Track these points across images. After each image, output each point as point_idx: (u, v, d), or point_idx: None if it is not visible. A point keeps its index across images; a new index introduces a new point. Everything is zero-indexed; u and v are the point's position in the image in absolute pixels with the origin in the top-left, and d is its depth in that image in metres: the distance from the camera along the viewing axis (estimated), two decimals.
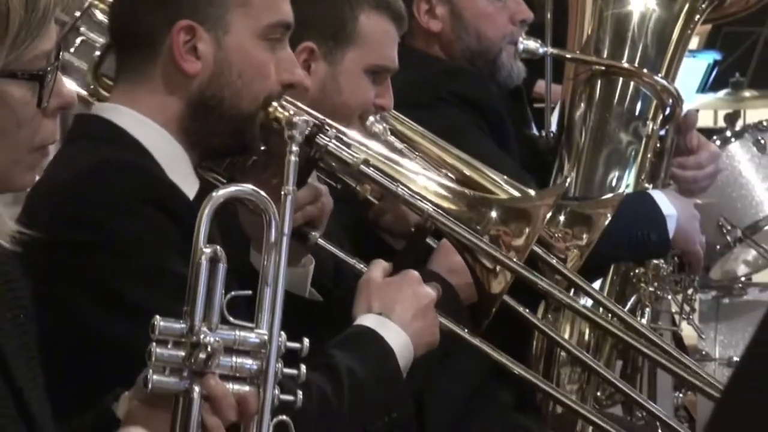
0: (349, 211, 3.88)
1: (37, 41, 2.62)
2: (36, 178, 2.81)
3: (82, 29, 3.91)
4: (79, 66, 3.86)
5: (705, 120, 7.29)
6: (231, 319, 2.51)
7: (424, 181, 3.62)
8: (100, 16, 3.86)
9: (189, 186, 3.31)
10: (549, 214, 3.70)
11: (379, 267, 3.39)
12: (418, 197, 3.55)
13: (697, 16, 4.86)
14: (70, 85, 2.88)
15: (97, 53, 3.74)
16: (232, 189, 2.71)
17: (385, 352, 3.34)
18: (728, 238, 6.01)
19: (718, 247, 5.99)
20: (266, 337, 2.52)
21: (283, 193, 2.92)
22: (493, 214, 3.61)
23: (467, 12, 4.64)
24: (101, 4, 3.83)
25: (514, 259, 3.55)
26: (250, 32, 3.35)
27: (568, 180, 4.82)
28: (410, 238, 3.74)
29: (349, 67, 3.86)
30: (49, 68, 2.65)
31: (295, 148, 3.04)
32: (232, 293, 2.77)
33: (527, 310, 3.86)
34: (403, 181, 3.57)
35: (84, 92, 3.66)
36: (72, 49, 3.90)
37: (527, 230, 3.60)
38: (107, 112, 3.35)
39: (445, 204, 3.61)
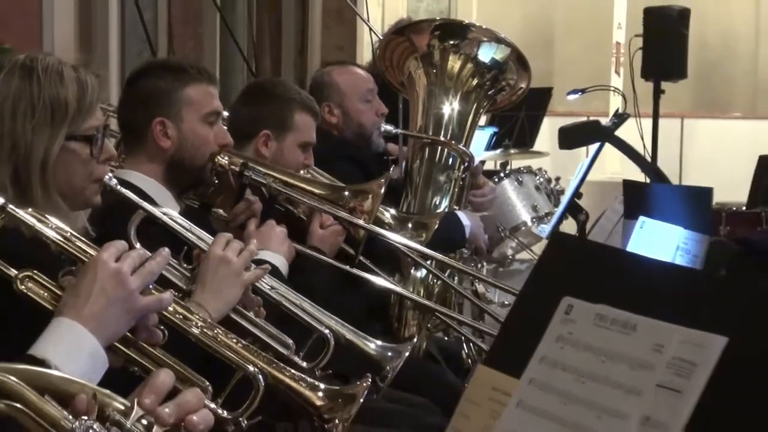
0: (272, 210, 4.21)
1: (88, 119, 3.04)
2: (100, 200, 3.15)
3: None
4: None
5: (489, 166, 7.97)
6: None
7: (305, 184, 4.21)
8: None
9: (173, 209, 3.60)
10: (382, 190, 4.22)
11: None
12: (300, 191, 4.15)
13: (482, 109, 5.60)
14: (111, 147, 3.23)
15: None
16: None
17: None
18: (501, 234, 6.71)
19: (495, 239, 6.63)
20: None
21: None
22: (346, 193, 4.24)
23: (352, 111, 5.47)
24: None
25: (363, 220, 4.16)
26: (196, 119, 3.85)
27: (405, 203, 5.42)
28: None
29: (290, 145, 4.48)
30: (98, 134, 3.05)
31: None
32: None
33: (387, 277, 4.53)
34: (292, 182, 4.14)
35: None
36: None
37: (370, 199, 4.21)
38: (123, 174, 3.76)
39: (317, 191, 4.22)
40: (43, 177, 2.95)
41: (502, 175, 7.01)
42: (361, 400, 2.88)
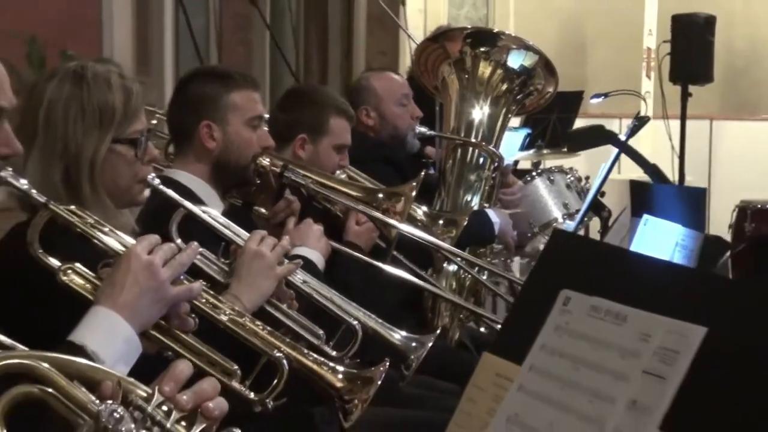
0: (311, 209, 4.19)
1: (133, 123, 3.07)
2: (145, 198, 3.19)
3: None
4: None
5: (523, 165, 7.87)
6: None
7: (341, 186, 4.22)
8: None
9: (218, 207, 3.67)
10: (414, 193, 4.22)
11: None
12: (337, 192, 4.16)
13: (511, 113, 5.61)
14: (154, 149, 3.23)
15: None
16: None
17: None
18: (534, 230, 6.54)
19: (528, 235, 6.50)
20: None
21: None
22: (380, 195, 4.22)
23: (387, 114, 5.45)
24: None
25: (398, 219, 4.15)
26: (240, 123, 3.87)
27: (438, 201, 5.46)
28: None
29: (325, 148, 4.49)
30: (141, 138, 3.08)
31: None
32: None
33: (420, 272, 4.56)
34: (330, 183, 4.16)
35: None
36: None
37: (402, 201, 4.20)
38: (172, 173, 3.83)
39: (353, 192, 4.22)
40: (92, 177, 2.98)
41: (534, 174, 6.94)
42: (379, 383, 2.91)
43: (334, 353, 3.14)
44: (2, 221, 2.88)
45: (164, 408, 1.78)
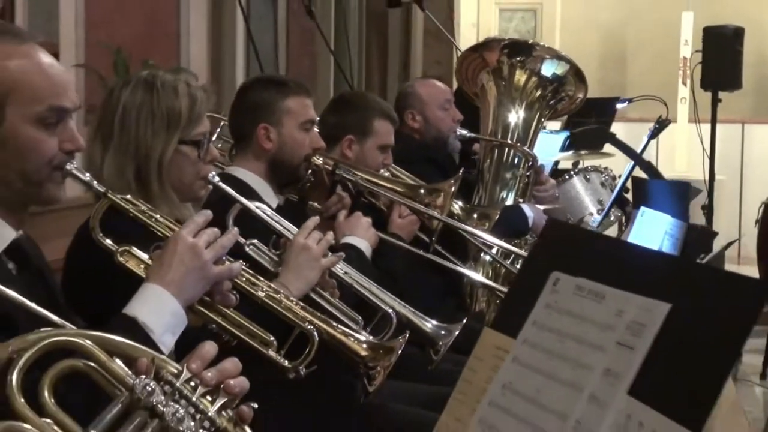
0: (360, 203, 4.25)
1: (196, 127, 3.12)
2: (205, 194, 3.22)
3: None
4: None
5: (563, 165, 7.76)
6: None
7: (387, 182, 4.31)
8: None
9: (272, 201, 3.81)
10: (453, 189, 4.27)
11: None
12: (384, 188, 4.25)
13: (544, 117, 5.61)
14: (215, 150, 3.27)
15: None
16: None
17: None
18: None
19: None
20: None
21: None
22: (422, 191, 4.30)
23: (431, 118, 5.47)
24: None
25: (438, 212, 4.21)
26: (294, 126, 3.93)
27: (476, 197, 5.46)
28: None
29: (370, 148, 4.51)
30: (204, 139, 3.14)
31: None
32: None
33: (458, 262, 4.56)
34: (376, 181, 4.25)
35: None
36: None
37: (442, 196, 4.26)
38: (232, 170, 3.91)
39: (397, 188, 4.30)
40: (159, 174, 3.06)
41: (572, 173, 6.99)
42: (399, 352, 2.96)
43: (370, 338, 3.16)
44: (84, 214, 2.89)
45: (191, 384, 1.82)
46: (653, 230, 3.80)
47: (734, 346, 1.65)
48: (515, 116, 5.58)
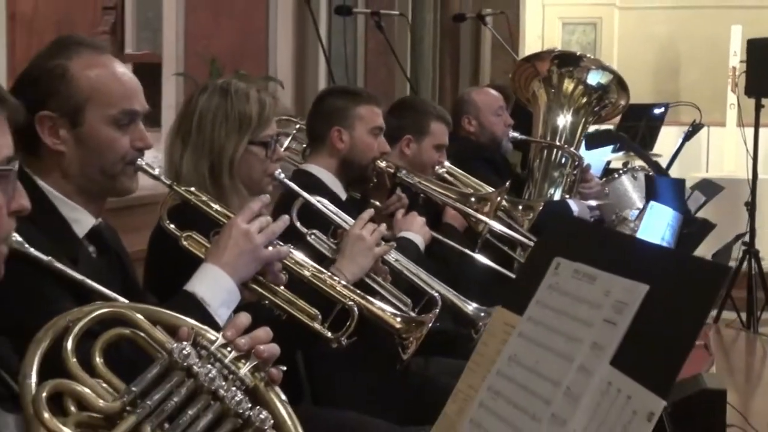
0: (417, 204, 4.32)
1: (265, 129, 3.17)
2: (270, 189, 3.26)
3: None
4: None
5: (614, 164, 7.64)
6: None
7: (442, 188, 4.37)
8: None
9: (341, 194, 3.94)
10: (499, 198, 4.32)
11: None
12: (438, 192, 4.32)
13: (589, 122, 5.66)
14: (281, 150, 3.33)
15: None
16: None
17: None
18: (615, 219, 5.90)
19: (615, 223, 5.86)
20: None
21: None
22: (472, 199, 4.33)
23: (485, 122, 5.54)
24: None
25: (485, 216, 4.25)
26: (365, 131, 4.01)
27: (527, 193, 5.53)
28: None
29: (427, 147, 4.61)
30: (272, 141, 3.19)
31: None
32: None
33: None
34: (432, 188, 4.32)
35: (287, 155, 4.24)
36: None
37: (488, 206, 4.30)
38: (307, 167, 4.01)
39: (451, 194, 4.35)
40: (231, 171, 3.11)
41: (621, 172, 6.76)
42: (429, 325, 2.98)
43: (411, 313, 3.21)
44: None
45: (226, 349, 1.87)
46: (659, 222, 3.82)
47: (697, 323, 1.69)
48: (563, 120, 5.62)
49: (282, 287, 2.70)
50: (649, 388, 1.67)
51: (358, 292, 2.93)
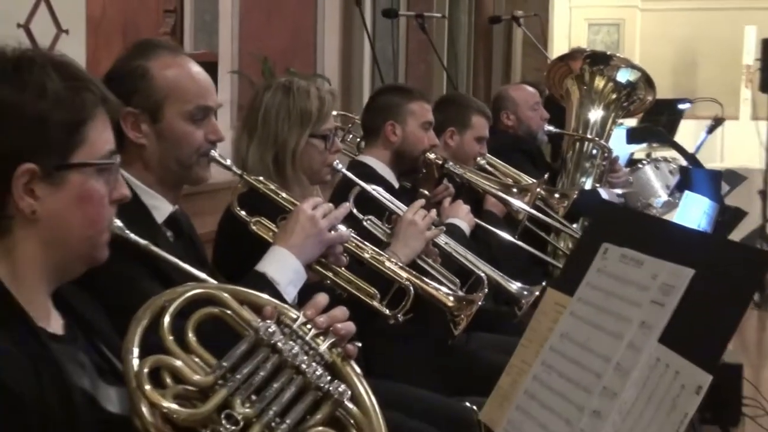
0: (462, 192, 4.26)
1: (324, 123, 3.17)
2: (329, 179, 3.26)
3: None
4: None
5: (637, 155, 7.55)
6: None
7: (486, 179, 4.31)
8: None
9: (394, 182, 3.91)
10: (538, 189, 4.28)
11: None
12: (483, 182, 4.27)
13: (618, 117, 5.54)
14: (339, 143, 3.30)
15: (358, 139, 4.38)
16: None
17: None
18: (639, 206, 5.88)
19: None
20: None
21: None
22: (514, 189, 4.30)
23: (522, 117, 5.51)
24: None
25: (525, 204, 4.20)
26: (416, 125, 3.97)
27: (560, 182, 5.42)
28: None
29: (468, 139, 4.55)
30: (330, 134, 3.18)
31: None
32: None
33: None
34: (477, 179, 4.26)
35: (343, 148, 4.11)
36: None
37: (528, 196, 4.27)
38: (362, 158, 3.99)
39: (494, 185, 4.31)
40: (293, 161, 3.12)
41: (644, 162, 6.66)
42: (479, 303, 2.99)
43: (459, 293, 3.20)
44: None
45: (307, 327, 1.88)
46: (695, 210, 3.81)
47: (742, 304, 1.68)
48: (594, 115, 5.54)
49: (343, 268, 2.72)
50: (696, 364, 1.67)
51: (414, 272, 2.95)
